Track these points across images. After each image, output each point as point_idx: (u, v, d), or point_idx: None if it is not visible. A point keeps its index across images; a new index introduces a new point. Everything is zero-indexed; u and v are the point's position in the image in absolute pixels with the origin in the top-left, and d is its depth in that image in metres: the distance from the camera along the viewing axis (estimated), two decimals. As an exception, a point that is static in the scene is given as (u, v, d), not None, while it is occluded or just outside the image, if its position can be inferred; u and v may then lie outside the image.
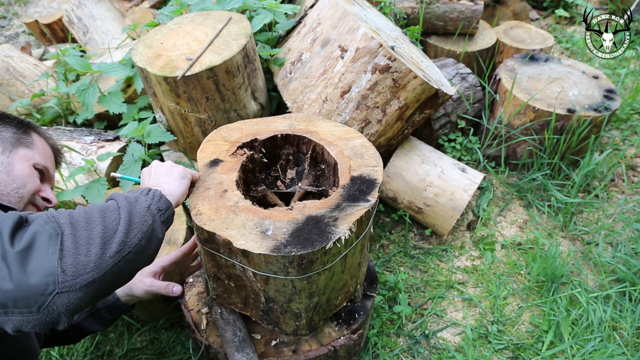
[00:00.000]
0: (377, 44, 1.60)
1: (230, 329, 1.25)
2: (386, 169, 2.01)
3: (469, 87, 2.40)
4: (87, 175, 1.81)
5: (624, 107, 2.75)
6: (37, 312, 0.68)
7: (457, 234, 2.14)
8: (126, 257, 0.79)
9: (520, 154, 2.37)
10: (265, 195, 1.29)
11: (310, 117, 1.38)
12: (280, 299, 1.12)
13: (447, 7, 2.65)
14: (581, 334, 1.68)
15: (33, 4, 3.51)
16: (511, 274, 1.94)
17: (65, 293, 0.69)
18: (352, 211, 1.06)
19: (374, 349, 1.65)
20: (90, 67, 1.88)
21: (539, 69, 2.47)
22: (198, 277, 1.46)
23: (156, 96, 1.69)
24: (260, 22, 1.90)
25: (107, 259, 0.75)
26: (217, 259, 1.11)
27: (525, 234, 2.12)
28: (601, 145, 2.53)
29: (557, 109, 2.15)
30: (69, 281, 0.69)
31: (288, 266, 0.99)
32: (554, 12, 3.94)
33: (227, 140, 1.28)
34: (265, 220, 1.04)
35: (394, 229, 2.14)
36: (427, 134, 2.31)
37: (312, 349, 1.27)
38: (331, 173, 1.28)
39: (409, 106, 1.73)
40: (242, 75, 1.68)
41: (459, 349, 1.69)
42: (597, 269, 1.95)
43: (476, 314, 1.80)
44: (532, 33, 3.03)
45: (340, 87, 1.71)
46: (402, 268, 1.97)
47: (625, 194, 2.30)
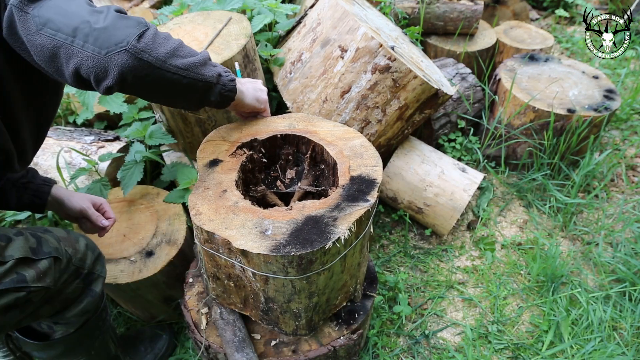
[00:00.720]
0: (377, 44, 1.60)
1: (230, 329, 1.25)
2: (386, 169, 2.01)
3: (469, 87, 2.40)
4: (87, 176, 1.81)
5: (624, 107, 2.75)
6: (104, 55, 0.83)
7: (457, 234, 2.14)
8: (182, 78, 0.93)
9: (520, 154, 2.37)
10: (265, 195, 1.29)
11: (310, 117, 1.38)
12: (280, 299, 1.12)
13: (447, 7, 2.65)
14: (581, 334, 1.68)
15: (33, 4, 3.50)
16: (511, 274, 1.94)
17: (129, 54, 0.84)
18: (352, 211, 1.06)
19: (374, 349, 1.65)
20: (90, 67, 1.88)
21: (539, 69, 2.47)
22: (198, 277, 1.46)
23: (156, 96, 1.69)
24: (260, 22, 1.90)
25: (170, 63, 0.91)
26: (216, 259, 1.11)
27: (525, 234, 2.12)
28: (601, 145, 2.53)
29: (557, 109, 2.14)
30: (137, 48, 0.85)
31: (287, 266, 0.99)
32: (554, 12, 3.94)
33: (226, 141, 1.28)
34: (265, 220, 1.04)
35: (394, 229, 2.14)
36: (427, 134, 2.31)
37: (311, 349, 1.27)
38: (331, 173, 1.28)
39: (409, 106, 1.73)
40: (242, 75, 1.68)
41: (459, 349, 1.69)
42: (597, 269, 1.95)
43: (476, 314, 1.80)
44: (532, 33, 3.02)
45: (340, 87, 1.71)
46: (402, 268, 1.97)
47: (625, 194, 2.30)
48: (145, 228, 1.60)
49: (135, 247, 1.55)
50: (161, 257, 1.51)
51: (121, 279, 1.46)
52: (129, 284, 1.46)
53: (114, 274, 1.48)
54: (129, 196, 1.70)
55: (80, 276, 1.17)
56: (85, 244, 1.19)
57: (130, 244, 1.56)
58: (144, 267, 1.49)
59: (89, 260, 1.19)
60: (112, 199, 1.71)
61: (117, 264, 1.50)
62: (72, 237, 1.17)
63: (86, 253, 1.18)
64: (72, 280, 1.14)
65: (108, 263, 1.51)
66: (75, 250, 1.15)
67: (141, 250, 1.54)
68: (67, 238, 1.15)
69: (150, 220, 1.63)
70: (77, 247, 1.16)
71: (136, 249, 1.54)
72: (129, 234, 1.59)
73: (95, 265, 1.21)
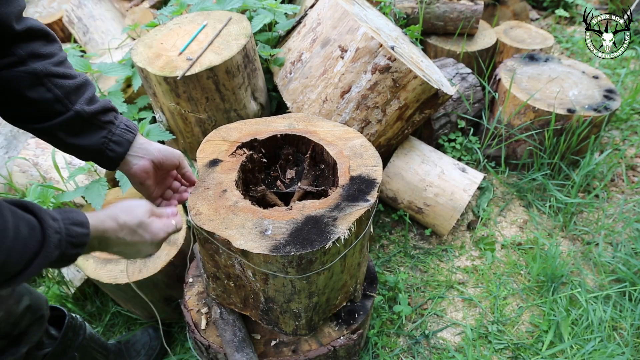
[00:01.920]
0: (377, 44, 1.60)
1: (230, 329, 1.25)
2: (386, 169, 2.01)
3: (469, 87, 2.40)
4: (87, 175, 1.81)
5: (623, 107, 2.74)
6: None
7: (457, 234, 2.14)
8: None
9: (520, 154, 2.37)
10: (265, 195, 1.29)
11: (310, 117, 1.38)
12: (280, 299, 1.12)
13: (447, 7, 2.65)
14: (581, 334, 1.68)
15: (33, 4, 3.51)
16: (511, 274, 1.94)
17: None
18: (352, 211, 1.06)
19: (374, 349, 1.65)
20: (90, 67, 1.88)
21: (539, 69, 2.47)
22: (198, 277, 1.46)
23: (156, 96, 1.69)
24: (260, 22, 1.90)
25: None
26: (216, 259, 1.11)
27: (525, 234, 2.12)
28: (601, 145, 2.53)
29: (557, 109, 2.14)
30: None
31: (287, 266, 0.99)
32: (554, 12, 3.94)
33: (226, 140, 1.28)
34: (265, 220, 1.04)
35: (394, 229, 2.14)
36: (427, 134, 2.31)
37: (311, 348, 1.27)
38: (330, 173, 1.28)
39: (409, 106, 1.73)
40: (242, 75, 1.68)
41: (459, 349, 1.69)
42: (597, 269, 1.95)
43: (476, 314, 1.80)
44: (532, 33, 3.02)
45: (340, 87, 1.71)
46: (402, 268, 1.97)
47: (625, 194, 2.30)
48: (145, 228, 1.60)
49: (135, 247, 1.55)
50: (161, 257, 1.52)
51: (121, 279, 1.46)
52: (128, 284, 1.46)
53: (114, 274, 1.48)
54: (128, 195, 1.70)
55: (7, 337, 1.07)
56: (27, 306, 1.08)
57: (130, 244, 1.56)
58: (143, 267, 1.49)
59: (24, 322, 1.09)
60: (111, 199, 1.70)
61: (117, 264, 1.50)
62: (15, 296, 1.06)
63: (24, 315, 1.08)
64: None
65: (108, 263, 1.51)
66: (9, 313, 1.04)
67: (141, 250, 1.54)
68: (9, 297, 1.04)
69: (150, 220, 1.63)
70: (14, 310, 1.05)
71: (136, 249, 1.54)
72: (128, 234, 1.59)
73: (31, 327, 1.12)
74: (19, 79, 0.83)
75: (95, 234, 0.79)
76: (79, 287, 1.80)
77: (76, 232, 0.75)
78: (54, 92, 0.86)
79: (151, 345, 1.62)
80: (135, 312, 1.76)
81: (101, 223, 0.81)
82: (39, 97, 0.85)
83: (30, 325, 1.12)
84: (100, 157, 0.94)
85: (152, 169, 1.00)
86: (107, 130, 0.93)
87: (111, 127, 0.94)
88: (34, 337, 1.15)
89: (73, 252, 0.75)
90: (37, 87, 0.84)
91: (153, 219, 0.91)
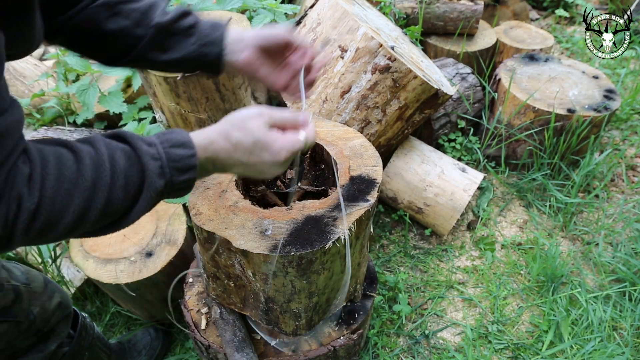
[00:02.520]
0: (377, 44, 1.60)
1: (230, 329, 1.25)
2: (386, 169, 2.01)
3: (469, 87, 2.40)
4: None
5: (623, 107, 2.74)
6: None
7: (457, 234, 2.14)
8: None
9: (520, 154, 2.37)
10: (265, 195, 1.29)
11: (310, 117, 1.38)
12: (280, 299, 1.12)
13: (447, 7, 2.65)
14: (581, 334, 1.68)
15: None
16: (511, 274, 1.94)
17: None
18: (352, 211, 1.06)
19: (374, 348, 1.65)
20: (90, 67, 1.89)
21: (539, 69, 2.47)
22: (198, 277, 1.46)
23: (156, 96, 1.69)
24: (260, 22, 1.90)
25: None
26: (216, 259, 1.11)
27: (525, 234, 2.12)
28: (601, 145, 2.53)
29: (557, 108, 2.14)
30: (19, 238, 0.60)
31: (287, 266, 0.99)
32: (554, 12, 3.94)
33: (226, 140, 1.28)
34: (265, 220, 1.04)
35: (394, 229, 2.14)
36: (427, 134, 2.31)
37: (311, 348, 1.27)
38: (330, 173, 1.28)
39: (409, 106, 1.73)
40: (242, 75, 1.68)
41: (459, 349, 1.69)
42: (597, 269, 1.95)
43: (476, 314, 1.80)
44: (532, 33, 3.02)
45: (340, 87, 1.71)
46: (402, 268, 1.97)
47: (625, 194, 2.30)
48: (145, 228, 1.60)
49: (135, 247, 1.55)
50: (161, 257, 1.52)
51: (121, 279, 1.46)
52: (128, 284, 1.46)
53: (114, 274, 1.48)
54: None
55: (38, 334, 1.08)
56: (58, 302, 1.10)
57: (130, 244, 1.56)
58: (144, 267, 1.49)
59: (54, 319, 1.10)
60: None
61: (117, 264, 1.50)
62: (48, 292, 1.07)
63: (54, 312, 1.09)
64: (27, 337, 1.05)
65: (108, 263, 1.51)
66: (44, 310, 1.05)
67: (141, 251, 1.54)
68: (43, 293, 1.05)
69: (150, 220, 1.63)
70: (47, 306, 1.06)
71: (136, 249, 1.54)
72: (128, 234, 1.59)
73: (60, 324, 1.13)
74: (95, 15, 0.84)
75: (204, 155, 0.71)
76: (79, 287, 1.80)
77: (178, 155, 0.67)
78: (130, 17, 0.85)
79: (152, 345, 1.62)
80: (135, 312, 1.76)
81: (211, 143, 0.72)
82: (118, 27, 0.85)
83: (59, 322, 1.13)
84: (201, 64, 0.90)
85: (256, 59, 0.91)
86: (193, 35, 0.88)
87: (195, 31, 0.89)
88: (62, 334, 1.14)
89: (182, 178, 0.68)
90: (114, 18, 0.85)
91: (274, 135, 0.77)
